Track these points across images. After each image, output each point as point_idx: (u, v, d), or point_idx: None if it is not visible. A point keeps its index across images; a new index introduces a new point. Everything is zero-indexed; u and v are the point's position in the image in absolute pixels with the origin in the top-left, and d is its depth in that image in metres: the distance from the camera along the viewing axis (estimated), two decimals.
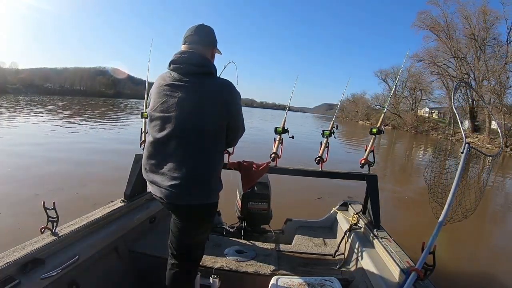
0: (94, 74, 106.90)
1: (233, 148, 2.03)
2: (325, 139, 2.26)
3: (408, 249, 1.75)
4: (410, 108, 45.66)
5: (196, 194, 1.29)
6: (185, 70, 1.31)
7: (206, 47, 1.39)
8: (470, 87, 4.18)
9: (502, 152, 3.47)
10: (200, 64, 1.31)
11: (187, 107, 1.27)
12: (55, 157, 6.86)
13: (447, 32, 32.64)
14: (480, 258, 3.87)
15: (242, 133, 1.51)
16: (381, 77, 50.64)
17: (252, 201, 2.56)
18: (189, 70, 1.30)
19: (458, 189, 1.44)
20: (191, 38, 1.37)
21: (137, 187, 2.17)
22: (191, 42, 1.37)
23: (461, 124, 2.06)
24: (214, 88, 1.31)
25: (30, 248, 1.36)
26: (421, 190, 6.42)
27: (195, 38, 1.37)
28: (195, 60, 1.31)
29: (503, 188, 9.37)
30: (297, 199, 4.98)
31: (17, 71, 75.92)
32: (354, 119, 61.32)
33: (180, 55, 1.33)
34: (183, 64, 1.31)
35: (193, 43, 1.36)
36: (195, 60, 1.31)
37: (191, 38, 1.37)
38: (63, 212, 1.57)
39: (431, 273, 1.32)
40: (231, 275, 1.81)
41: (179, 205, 1.33)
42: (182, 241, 1.42)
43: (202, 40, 1.38)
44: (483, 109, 29.27)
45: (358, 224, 2.16)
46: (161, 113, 1.31)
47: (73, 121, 15.69)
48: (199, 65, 1.31)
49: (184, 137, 1.28)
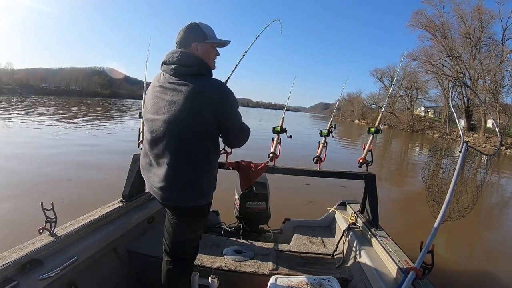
0: (90, 74, 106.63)
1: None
2: (323, 138, 2.26)
3: (407, 248, 1.76)
4: (406, 107, 45.87)
5: (186, 196, 1.31)
6: (175, 71, 1.31)
7: (191, 44, 1.36)
8: (467, 86, 4.17)
9: (500, 151, 3.45)
10: (190, 65, 1.31)
11: (175, 111, 1.26)
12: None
13: (443, 31, 32.93)
14: (478, 257, 3.90)
15: (244, 133, 1.46)
16: (377, 76, 51.00)
17: (251, 201, 2.56)
18: (179, 71, 1.30)
19: (456, 188, 1.44)
20: (178, 39, 1.38)
21: (136, 187, 2.17)
22: (179, 43, 1.38)
23: (458, 122, 2.07)
24: (203, 90, 1.28)
25: (28, 249, 1.36)
26: (419, 189, 6.45)
27: (181, 39, 1.37)
28: (185, 60, 1.31)
29: (499, 187, 9.44)
30: (295, 198, 4.98)
31: (12, 71, 75.50)
32: (350, 118, 61.54)
33: (171, 55, 1.34)
34: (174, 64, 1.31)
35: (180, 44, 1.37)
36: (185, 60, 1.31)
37: (178, 39, 1.38)
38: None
39: (429, 272, 1.33)
40: (230, 275, 1.81)
41: (170, 206, 1.38)
42: (175, 239, 1.43)
43: (187, 37, 1.36)
44: (478, 108, 29.50)
45: (356, 223, 2.16)
46: (152, 114, 1.33)
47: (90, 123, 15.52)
48: (189, 66, 1.31)
49: (172, 139, 1.28)
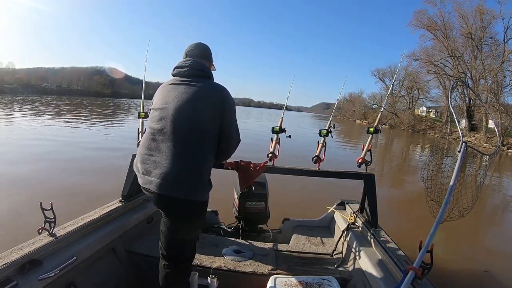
0: (91, 74, 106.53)
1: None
2: (322, 138, 2.26)
3: (406, 248, 1.76)
4: (407, 107, 45.78)
5: (184, 188, 1.32)
6: (187, 72, 1.47)
7: (204, 60, 1.57)
8: (467, 86, 4.18)
9: (499, 151, 3.44)
10: (200, 69, 1.50)
11: (185, 99, 1.38)
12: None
13: (444, 31, 32.85)
14: (477, 257, 3.89)
15: (236, 142, 1.56)
16: (378, 76, 50.78)
17: (250, 201, 2.56)
18: (191, 73, 1.47)
19: (455, 188, 1.44)
20: (191, 52, 1.56)
21: (134, 188, 2.16)
22: (192, 55, 1.55)
23: (458, 123, 2.07)
24: (211, 89, 1.46)
25: (27, 249, 1.36)
26: (418, 189, 6.43)
27: (195, 52, 1.56)
28: (197, 65, 1.49)
29: (500, 187, 9.42)
30: (294, 198, 4.98)
31: (14, 71, 75.67)
32: (351, 118, 61.43)
33: (184, 62, 1.51)
34: (186, 67, 1.48)
35: (193, 56, 1.54)
36: (197, 65, 1.49)
37: (191, 52, 1.56)
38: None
39: (428, 271, 1.32)
40: (229, 275, 1.81)
41: (166, 197, 1.34)
42: (171, 241, 1.42)
43: (201, 53, 1.57)
44: (480, 108, 29.43)
45: (355, 223, 2.16)
46: (161, 105, 1.43)
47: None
48: (200, 69, 1.49)
49: (178, 129, 1.36)
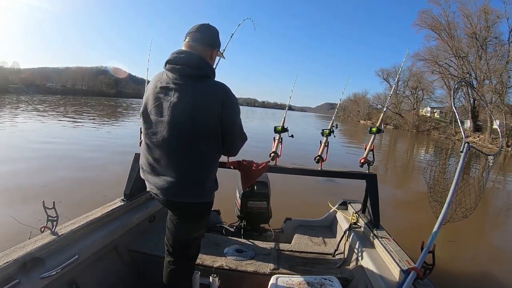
0: (95, 74, 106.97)
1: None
2: (325, 138, 2.25)
3: (408, 248, 1.75)
4: (412, 108, 45.55)
5: (191, 193, 1.32)
6: (181, 72, 1.27)
7: (206, 47, 1.34)
8: (471, 87, 4.18)
9: (501, 151, 3.43)
10: (196, 66, 1.27)
11: (179, 112, 1.26)
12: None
13: (448, 31, 32.63)
14: (480, 258, 3.86)
15: (242, 140, 1.46)
16: (383, 76, 50.74)
17: (252, 200, 2.56)
18: (185, 72, 1.27)
19: (458, 189, 1.43)
20: (193, 34, 1.33)
21: (137, 186, 2.16)
22: (192, 38, 1.33)
23: (461, 123, 2.06)
24: (209, 91, 1.27)
25: (29, 247, 1.36)
26: (421, 190, 6.40)
27: (196, 35, 1.32)
28: (192, 61, 1.27)
29: (504, 188, 9.34)
30: (296, 198, 4.97)
31: (18, 70, 76.16)
32: (355, 118, 61.24)
33: (177, 54, 1.29)
34: (180, 65, 1.27)
35: (193, 41, 1.32)
36: (192, 61, 1.27)
37: (193, 34, 1.33)
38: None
39: (430, 272, 1.32)
40: (231, 274, 1.81)
41: (174, 202, 1.35)
42: (177, 238, 1.43)
43: (204, 39, 1.33)
44: (484, 108, 29.20)
45: (357, 223, 2.15)
46: (155, 116, 1.30)
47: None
48: (196, 67, 1.27)
49: (177, 141, 1.28)
